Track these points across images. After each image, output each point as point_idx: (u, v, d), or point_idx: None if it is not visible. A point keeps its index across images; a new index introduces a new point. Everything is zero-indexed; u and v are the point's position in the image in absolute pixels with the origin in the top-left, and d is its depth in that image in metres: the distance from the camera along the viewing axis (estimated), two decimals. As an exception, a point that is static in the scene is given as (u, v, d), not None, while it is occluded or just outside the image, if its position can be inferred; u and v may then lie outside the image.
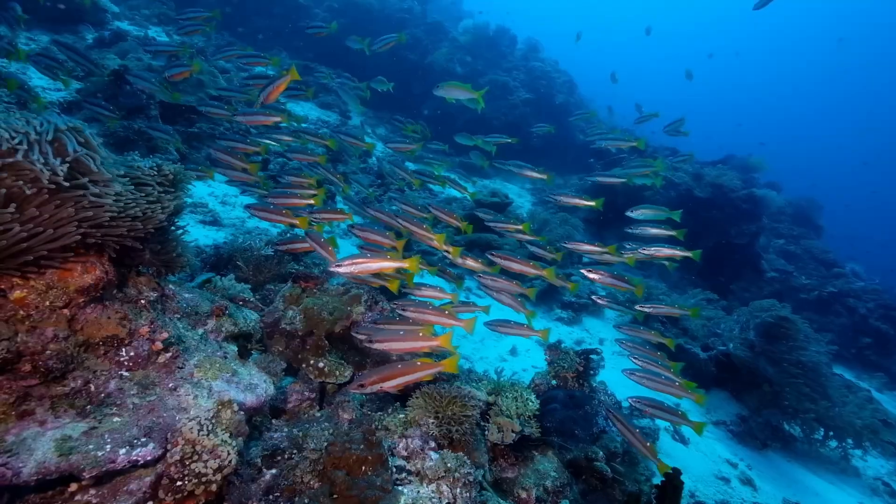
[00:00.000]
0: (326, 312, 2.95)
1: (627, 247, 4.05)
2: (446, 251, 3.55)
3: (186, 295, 2.41)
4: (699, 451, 5.07)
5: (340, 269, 2.34)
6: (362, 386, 2.05)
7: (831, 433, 5.74)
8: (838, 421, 5.48)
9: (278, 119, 4.03)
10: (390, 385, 2.11)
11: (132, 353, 1.79)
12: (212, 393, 1.93)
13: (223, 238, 4.76)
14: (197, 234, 4.84)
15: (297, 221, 3.37)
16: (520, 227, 4.39)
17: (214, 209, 5.42)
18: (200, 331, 2.29)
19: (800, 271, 12.04)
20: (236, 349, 2.38)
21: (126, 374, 1.76)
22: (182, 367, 1.94)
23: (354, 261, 2.31)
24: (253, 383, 2.15)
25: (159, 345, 1.86)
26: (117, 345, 1.76)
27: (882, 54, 56.10)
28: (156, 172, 1.83)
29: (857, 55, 56.01)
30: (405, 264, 2.52)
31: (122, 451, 1.52)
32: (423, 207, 4.42)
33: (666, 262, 4.05)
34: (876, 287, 12.11)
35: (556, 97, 14.15)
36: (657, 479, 4.07)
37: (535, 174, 5.07)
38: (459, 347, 3.54)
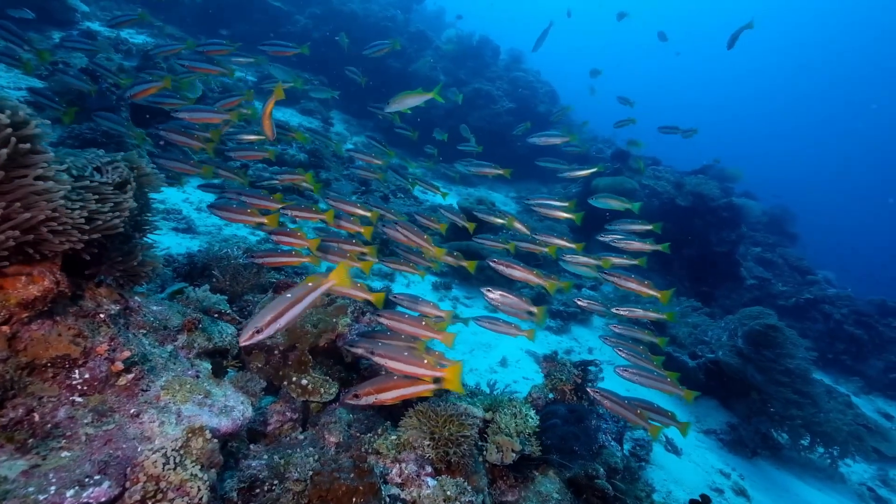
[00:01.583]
0: (310, 325, 2.75)
1: (604, 236, 4.14)
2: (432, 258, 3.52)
3: (154, 307, 2.18)
4: (692, 461, 4.99)
5: (263, 335, 1.60)
6: (356, 396, 1.93)
7: (818, 439, 5.75)
8: (826, 427, 5.49)
9: (226, 117, 3.65)
10: (386, 397, 1.98)
11: (87, 376, 1.56)
12: (181, 418, 1.71)
13: (198, 246, 4.49)
14: (169, 241, 4.56)
15: (265, 220, 3.17)
16: (508, 246, 4.34)
17: (189, 216, 5.14)
18: (169, 347, 2.06)
19: (777, 278, 12.30)
20: (210, 367, 2.15)
21: (79, 399, 1.53)
22: (147, 390, 1.72)
23: (276, 312, 1.62)
24: (229, 405, 1.93)
25: (120, 365, 1.63)
26: (69, 366, 1.54)
27: (840, 80, 59.69)
28: (113, 169, 1.62)
29: (817, 80, 59.74)
30: (333, 281, 1.90)
31: (70, 492, 1.29)
32: (409, 215, 4.29)
33: (637, 262, 4.01)
34: (848, 293, 12.46)
35: (539, 106, 14.27)
36: (657, 496, 3.96)
37: (492, 171, 4.98)
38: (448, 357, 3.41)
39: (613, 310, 4.01)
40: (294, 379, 2.53)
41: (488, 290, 3.23)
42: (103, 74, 4.89)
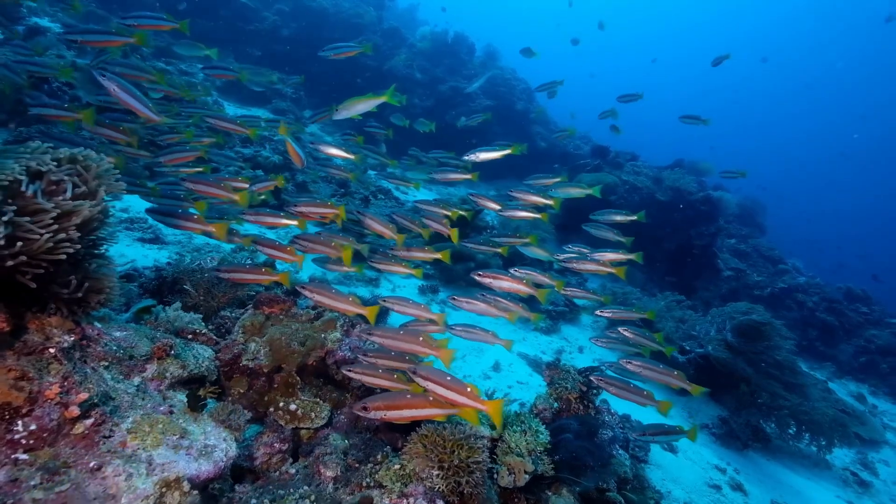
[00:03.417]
0: (297, 343, 2.51)
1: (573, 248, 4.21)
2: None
3: (117, 333, 1.91)
4: (688, 458, 4.95)
5: None
6: (365, 408, 1.84)
7: (804, 427, 5.84)
8: (813, 415, 5.57)
9: (158, 120, 2.82)
10: (396, 416, 1.85)
11: (33, 427, 1.30)
12: (152, 468, 1.46)
13: (167, 258, 4.15)
14: (135, 253, 4.21)
15: (212, 229, 2.75)
16: (499, 250, 4.24)
17: (155, 224, 4.77)
18: (137, 380, 1.80)
19: (752, 269, 12.60)
20: (185, 399, 1.90)
21: (24, 456, 1.27)
22: (110, 436, 1.46)
23: None
24: (209, 445, 1.69)
25: (75, 410, 1.37)
26: (10, 417, 1.27)
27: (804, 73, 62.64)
28: (65, 169, 1.35)
29: (780, 73, 62.62)
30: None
31: (12, 582, 1.04)
32: (390, 216, 4.13)
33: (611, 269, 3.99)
34: (818, 281, 12.89)
35: (517, 104, 14.21)
36: (666, 502, 3.87)
37: (459, 176, 4.84)
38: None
39: (597, 312, 4.02)
40: (282, 404, 2.29)
41: (452, 298, 3.13)
42: (44, 74, 4.38)
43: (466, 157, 4.71)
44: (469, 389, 1.71)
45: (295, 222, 3.05)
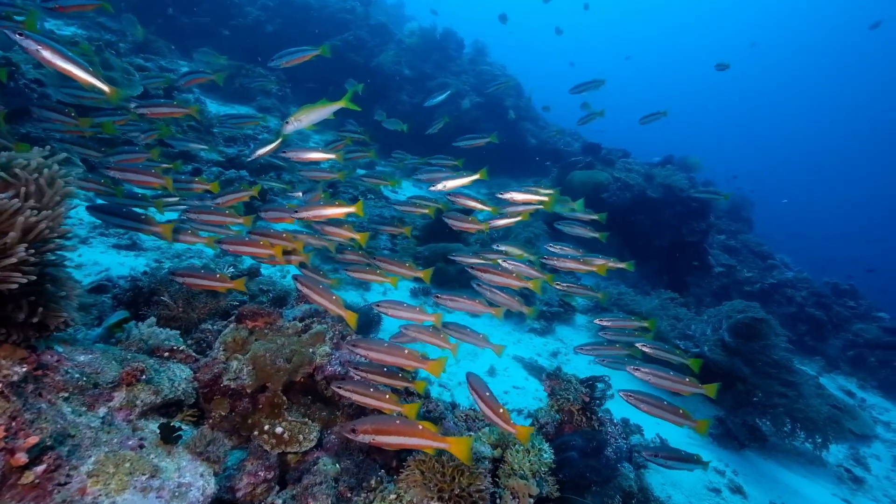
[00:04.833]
0: (283, 359, 2.34)
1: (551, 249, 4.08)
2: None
3: (81, 358, 1.73)
4: (687, 461, 4.88)
5: None
6: (354, 431, 1.78)
7: (798, 425, 5.82)
8: (808, 413, 5.55)
9: (107, 90, 2.25)
10: (384, 441, 1.76)
11: (-29, 481, 1.12)
12: (116, 518, 1.29)
13: (144, 266, 3.93)
14: (109, 261, 3.98)
15: (159, 230, 2.55)
16: (492, 260, 4.11)
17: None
18: (102, 411, 1.62)
19: (742, 265, 12.66)
20: (158, 430, 1.72)
21: (-41, 517, 1.09)
22: (66, 483, 1.29)
23: None
24: (183, 483, 1.52)
25: (22, 457, 1.20)
26: (-58, 471, 1.09)
27: (791, 57, 63.41)
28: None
29: (768, 58, 63.35)
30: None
31: None
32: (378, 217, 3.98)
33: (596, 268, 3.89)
34: (805, 276, 13.01)
35: (506, 100, 14.07)
36: None
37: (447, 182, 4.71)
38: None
39: (596, 320, 3.98)
40: (267, 427, 2.12)
41: (436, 297, 3.08)
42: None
43: (432, 189, 4.53)
44: (501, 411, 1.75)
45: (241, 220, 2.87)
